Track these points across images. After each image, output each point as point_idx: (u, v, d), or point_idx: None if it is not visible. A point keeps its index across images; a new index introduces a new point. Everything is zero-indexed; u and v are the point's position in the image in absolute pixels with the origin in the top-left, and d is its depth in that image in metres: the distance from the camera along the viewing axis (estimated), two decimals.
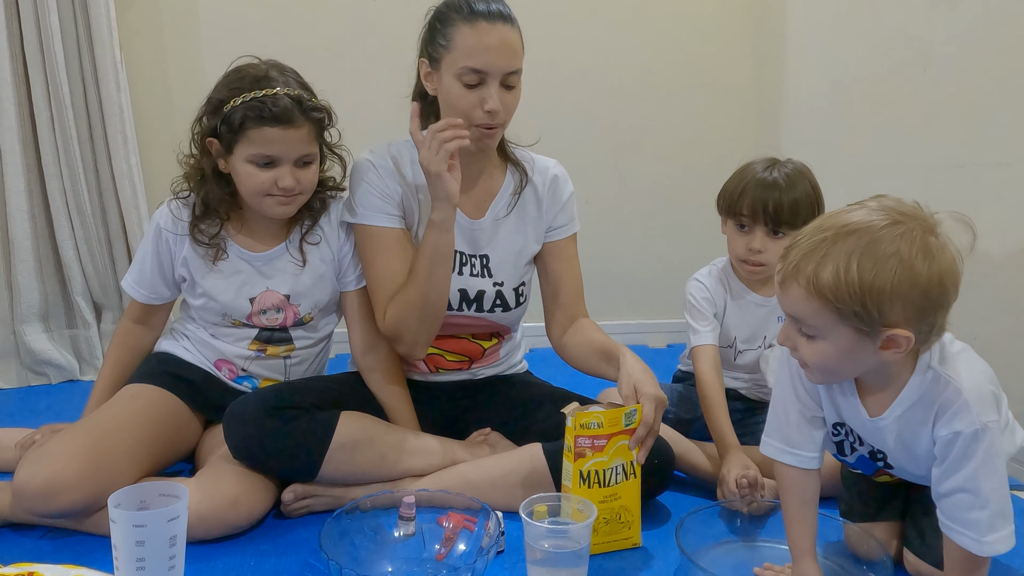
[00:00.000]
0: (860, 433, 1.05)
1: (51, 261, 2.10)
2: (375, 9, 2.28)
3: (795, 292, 0.90)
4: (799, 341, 0.94)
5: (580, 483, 1.14)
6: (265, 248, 1.39)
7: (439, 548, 1.13)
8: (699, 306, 1.51)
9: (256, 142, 1.27)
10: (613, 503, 1.16)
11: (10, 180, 1.99)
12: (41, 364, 2.09)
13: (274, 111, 1.25)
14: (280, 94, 1.26)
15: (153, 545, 0.93)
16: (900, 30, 1.85)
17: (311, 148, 1.31)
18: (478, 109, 1.27)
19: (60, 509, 1.14)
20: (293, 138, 1.27)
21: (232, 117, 1.26)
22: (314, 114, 1.30)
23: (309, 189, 1.34)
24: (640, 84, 2.49)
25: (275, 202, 1.31)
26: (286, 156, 1.28)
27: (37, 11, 1.94)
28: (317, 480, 1.27)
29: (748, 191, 1.42)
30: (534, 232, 1.45)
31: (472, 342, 1.47)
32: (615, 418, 1.13)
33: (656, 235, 2.59)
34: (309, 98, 1.31)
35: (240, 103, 1.26)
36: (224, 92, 1.29)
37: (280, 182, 1.28)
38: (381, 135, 1.45)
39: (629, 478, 1.17)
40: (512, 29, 1.27)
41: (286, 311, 1.40)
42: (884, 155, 1.94)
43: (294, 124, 1.27)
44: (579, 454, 1.13)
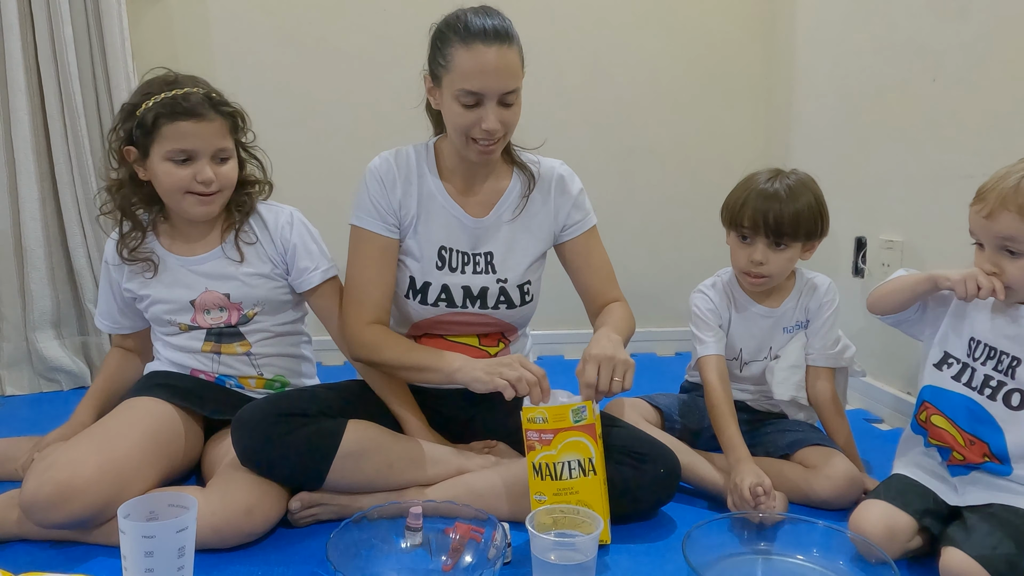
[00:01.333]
0: (993, 342, 1.18)
1: (63, 268, 2.12)
2: (385, 18, 2.30)
3: (1007, 217, 1.11)
4: (1005, 263, 1.13)
5: (534, 475, 1.19)
6: (200, 252, 1.43)
7: (445, 559, 1.13)
8: (704, 317, 1.51)
9: (171, 138, 1.31)
10: (569, 497, 1.18)
11: (23, 188, 2.02)
12: (53, 371, 2.11)
13: (185, 106, 1.31)
14: (190, 91, 1.33)
15: (162, 556, 0.94)
16: (909, 40, 1.85)
17: (226, 143, 1.37)
18: (476, 127, 1.29)
19: (73, 515, 1.14)
20: (207, 131, 1.33)
21: (146, 118, 1.31)
22: (224, 108, 1.37)
23: (228, 185, 1.39)
24: (648, 93, 2.50)
25: (195, 200, 1.36)
26: (202, 149, 1.33)
27: (51, 22, 1.97)
28: (324, 488, 1.28)
29: (750, 202, 1.42)
30: (539, 231, 1.46)
31: (479, 349, 1.47)
32: (561, 414, 1.17)
33: (664, 244, 2.59)
34: (218, 95, 1.37)
35: (152, 104, 1.31)
36: (137, 98, 1.34)
37: (199, 176, 1.33)
38: (389, 141, 1.47)
39: (588, 475, 1.18)
40: (510, 49, 1.27)
41: (229, 310, 1.43)
42: (893, 165, 1.93)
43: (206, 117, 1.32)
44: (529, 447, 1.19)
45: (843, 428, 1.48)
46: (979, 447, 1.16)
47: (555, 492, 1.18)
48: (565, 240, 1.48)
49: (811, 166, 1.53)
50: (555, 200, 1.46)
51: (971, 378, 1.19)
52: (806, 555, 1.17)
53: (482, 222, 1.43)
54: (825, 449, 1.41)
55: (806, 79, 2.34)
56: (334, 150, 2.33)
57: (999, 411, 1.15)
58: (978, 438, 1.17)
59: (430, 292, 1.41)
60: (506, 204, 1.44)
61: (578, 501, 1.17)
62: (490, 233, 1.43)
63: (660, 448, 1.32)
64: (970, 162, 1.66)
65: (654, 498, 1.32)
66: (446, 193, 1.42)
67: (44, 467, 1.16)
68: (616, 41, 2.45)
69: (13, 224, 2.05)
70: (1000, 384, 1.16)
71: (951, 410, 1.20)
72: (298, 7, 2.26)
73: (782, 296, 1.52)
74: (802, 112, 2.37)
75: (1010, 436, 1.14)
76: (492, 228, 1.43)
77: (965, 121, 1.68)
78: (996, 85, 1.59)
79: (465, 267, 1.42)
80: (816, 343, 1.51)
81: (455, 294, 1.41)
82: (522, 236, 1.45)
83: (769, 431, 1.51)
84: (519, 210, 1.44)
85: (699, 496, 1.42)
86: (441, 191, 1.42)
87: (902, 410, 1.86)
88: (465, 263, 1.42)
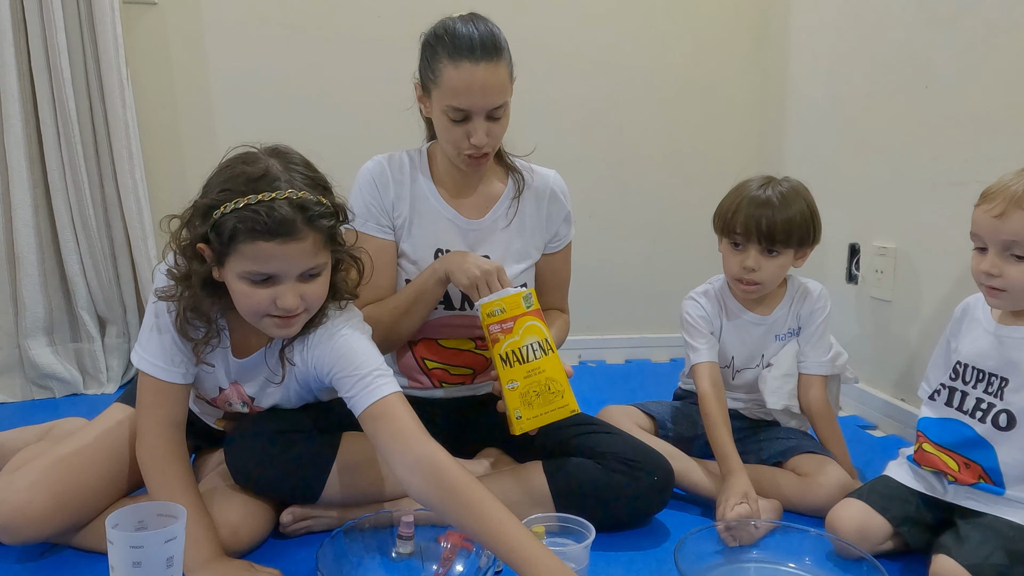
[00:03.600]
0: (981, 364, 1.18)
1: (56, 275, 2.11)
2: (379, 24, 2.30)
3: (1019, 217, 1.07)
4: (1008, 267, 1.10)
5: (503, 365, 1.23)
6: (247, 353, 1.21)
7: (437, 568, 1.13)
8: (696, 324, 1.51)
9: (250, 258, 1.04)
10: (538, 376, 1.23)
11: (16, 195, 2.01)
12: (45, 378, 2.10)
13: (270, 224, 1.02)
14: (279, 200, 1.03)
15: (150, 566, 0.93)
16: (902, 47, 1.86)
17: (317, 260, 1.09)
18: (465, 141, 1.30)
19: (24, 542, 1.15)
20: (294, 252, 1.05)
21: (222, 227, 1.03)
22: (322, 222, 1.06)
23: (315, 306, 1.12)
24: (643, 99, 2.50)
25: (274, 323, 1.10)
26: (286, 273, 1.07)
27: (44, 28, 1.96)
28: (318, 503, 1.27)
29: (742, 209, 1.42)
30: (533, 240, 1.47)
31: (476, 354, 1.47)
32: (514, 302, 1.24)
33: (658, 249, 2.59)
34: (317, 201, 1.06)
35: (231, 211, 1.03)
36: (214, 195, 1.06)
37: (280, 302, 1.07)
38: (383, 146, 1.48)
39: (548, 353, 1.24)
40: (497, 64, 1.26)
41: (250, 406, 1.28)
42: (886, 172, 1.93)
43: (295, 237, 1.04)
44: (494, 340, 1.24)
45: (836, 435, 1.48)
46: (974, 469, 1.17)
47: (525, 375, 1.23)
48: (547, 253, 1.50)
49: (804, 173, 1.53)
50: (548, 211, 1.48)
51: (962, 402, 1.20)
52: (798, 563, 1.16)
53: (478, 224, 1.43)
54: (818, 457, 1.41)
55: (799, 86, 2.35)
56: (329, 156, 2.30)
57: (990, 432, 1.16)
58: (973, 461, 1.17)
59: None
60: (501, 208, 1.45)
61: (546, 379, 1.23)
62: (486, 236, 1.44)
63: (653, 455, 1.32)
64: (963, 169, 1.67)
65: (647, 506, 1.32)
66: (439, 196, 1.42)
67: (6, 483, 1.15)
68: (610, 48, 2.45)
69: (6, 230, 2.04)
70: (990, 406, 1.16)
71: (944, 436, 1.21)
72: (291, 14, 2.26)
73: (774, 303, 1.52)
74: (795, 119, 2.37)
75: (1002, 456, 1.14)
76: (488, 231, 1.44)
77: (957, 128, 1.68)
78: (988, 92, 1.60)
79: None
80: (809, 350, 1.50)
81: (452, 296, 1.41)
82: (517, 241, 1.46)
83: (762, 439, 1.51)
84: (512, 213, 1.45)
85: (692, 502, 1.42)
86: (434, 194, 1.42)
87: (895, 416, 1.86)
88: None
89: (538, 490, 1.27)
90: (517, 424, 1.23)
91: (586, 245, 1.54)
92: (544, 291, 1.53)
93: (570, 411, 1.25)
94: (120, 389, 2.16)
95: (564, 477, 1.28)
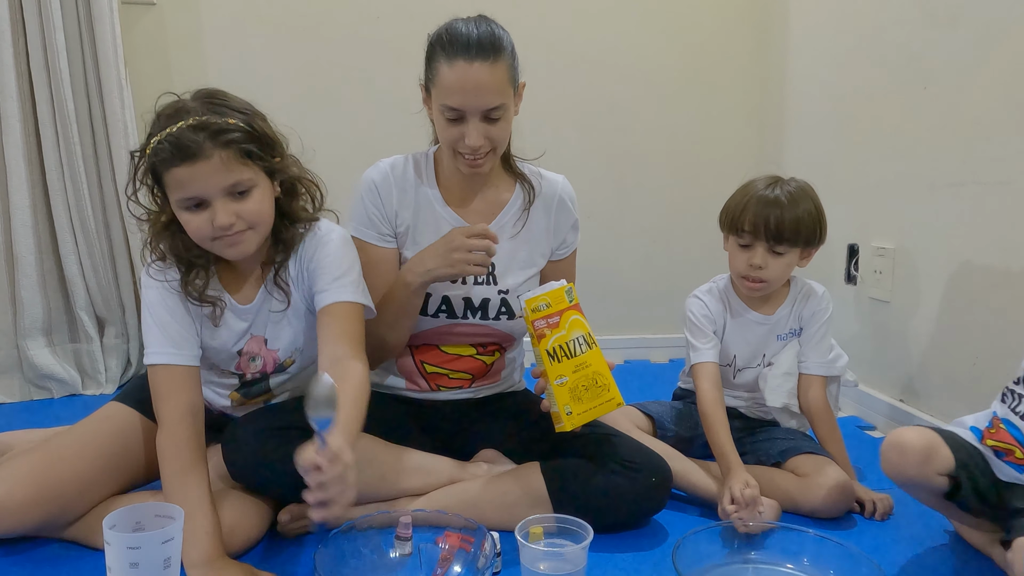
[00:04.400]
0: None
1: (54, 276, 2.11)
2: (378, 27, 2.30)
3: None
4: None
5: (551, 361, 1.22)
6: (248, 300, 1.27)
7: (435, 569, 1.12)
8: (699, 323, 1.51)
9: (173, 187, 1.12)
10: (586, 371, 1.22)
11: (15, 195, 2.01)
12: (44, 378, 2.10)
13: (174, 150, 1.09)
14: (182, 127, 1.09)
15: (147, 567, 0.93)
16: (900, 48, 1.86)
17: (238, 176, 1.13)
18: (461, 142, 1.29)
19: (6, 533, 1.16)
20: (205, 171, 1.10)
21: (152, 166, 1.13)
22: (225, 136, 1.11)
23: (257, 220, 1.17)
24: (642, 99, 2.50)
25: (224, 244, 1.17)
26: (209, 193, 1.12)
27: (43, 29, 1.96)
28: None
29: (750, 207, 1.42)
30: (540, 248, 1.46)
31: (476, 359, 1.47)
32: (558, 296, 1.23)
33: (658, 250, 2.59)
34: (222, 122, 1.12)
35: (149, 151, 1.12)
36: (143, 140, 1.15)
37: (215, 221, 1.13)
38: (383, 150, 1.47)
39: (593, 347, 1.24)
40: (494, 65, 1.24)
41: (265, 357, 1.32)
42: (885, 172, 1.94)
43: (201, 156, 1.10)
44: (540, 335, 1.22)
45: (835, 436, 1.48)
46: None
47: (573, 370, 1.22)
48: (554, 259, 1.49)
49: (804, 173, 1.53)
50: (556, 218, 1.46)
51: (1018, 405, 1.18)
52: (796, 564, 1.16)
53: None
54: (817, 457, 1.41)
55: (799, 87, 2.35)
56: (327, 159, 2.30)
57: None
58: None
59: (430, 303, 1.39)
60: (508, 215, 1.43)
61: (593, 373, 1.22)
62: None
63: (652, 457, 1.32)
64: (961, 169, 1.67)
65: (646, 507, 1.32)
66: (444, 203, 1.41)
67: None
68: (609, 48, 2.45)
69: (4, 231, 2.04)
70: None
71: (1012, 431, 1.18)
72: (290, 16, 2.26)
73: (777, 303, 1.52)
74: (795, 119, 2.37)
75: None
76: None
77: (956, 128, 1.69)
78: (986, 93, 1.60)
79: (467, 278, 1.40)
80: (809, 351, 1.51)
81: (456, 305, 1.40)
82: (523, 248, 1.44)
83: (761, 439, 1.51)
84: (521, 224, 1.43)
85: (692, 503, 1.42)
86: (439, 200, 1.41)
87: (894, 417, 1.86)
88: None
89: (536, 491, 1.27)
90: (568, 420, 1.21)
91: (585, 245, 1.53)
92: None
93: (616, 404, 1.23)
94: (118, 390, 2.16)
95: (562, 478, 1.27)
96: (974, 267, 1.64)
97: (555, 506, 1.25)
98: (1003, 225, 1.56)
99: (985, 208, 1.61)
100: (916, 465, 1.15)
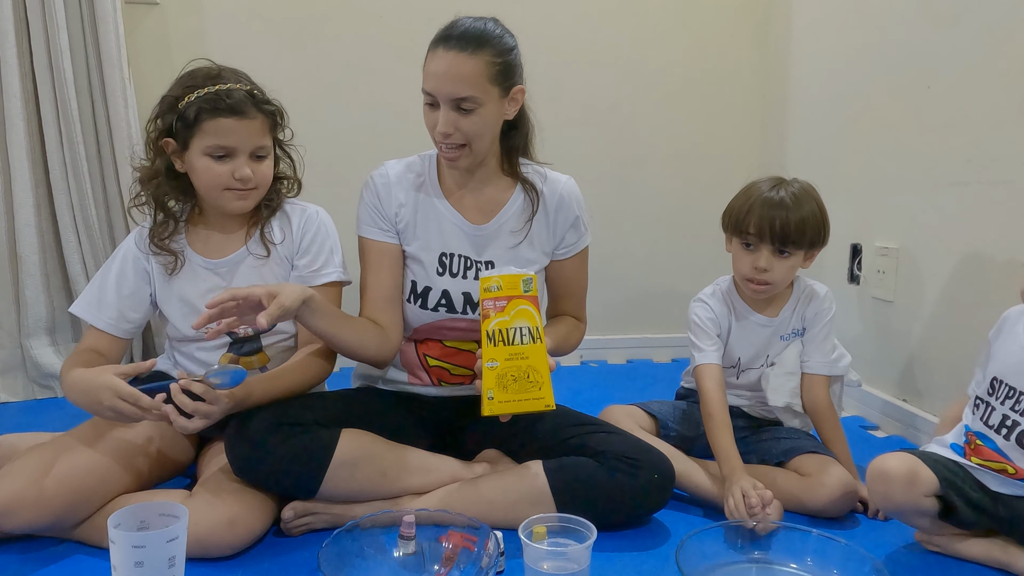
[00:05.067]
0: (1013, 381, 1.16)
1: (58, 275, 2.12)
2: (382, 26, 2.30)
3: None
4: None
5: (488, 343, 1.21)
6: (226, 254, 1.41)
7: (439, 568, 1.13)
8: (704, 326, 1.51)
9: (211, 133, 1.30)
10: (520, 362, 1.21)
11: (18, 195, 2.01)
12: (47, 377, 2.10)
13: (229, 103, 1.30)
14: (233, 88, 1.32)
15: (152, 565, 0.94)
16: (903, 47, 1.86)
17: (265, 141, 1.36)
18: (434, 130, 1.32)
19: (22, 525, 1.15)
20: (247, 129, 1.32)
21: (187, 112, 1.30)
22: (266, 107, 1.36)
23: (264, 183, 1.38)
24: (645, 98, 2.50)
25: (233, 196, 1.35)
26: (241, 147, 1.32)
27: (47, 29, 1.97)
28: (317, 497, 1.27)
29: (755, 209, 1.42)
30: (540, 246, 1.46)
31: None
32: (513, 282, 1.23)
33: (660, 250, 2.59)
34: (261, 93, 1.37)
35: (195, 98, 1.30)
36: (179, 90, 1.33)
37: (237, 173, 1.32)
38: (388, 148, 1.48)
39: (536, 342, 1.22)
40: (471, 57, 1.25)
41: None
42: (888, 172, 1.93)
43: (248, 115, 1.32)
44: (484, 315, 1.22)
45: (838, 436, 1.48)
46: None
47: (507, 357, 1.21)
48: (557, 259, 1.48)
49: (806, 173, 1.53)
50: (555, 217, 1.46)
51: (989, 416, 1.19)
52: (800, 564, 1.16)
53: (483, 229, 1.43)
54: (820, 457, 1.41)
55: (801, 86, 2.35)
56: (332, 157, 2.33)
57: (1012, 449, 1.15)
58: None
59: (430, 297, 1.41)
60: (507, 215, 1.44)
61: (528, 367, 1.21)
62: (491, 242, 1.43)
63: (654, 454, 1.32)
64: (964, 169, 1.67)
65: (648, 505, 1.32)
66: (445, 200, 1.43)
67: (3, 473, 1.17)
68: (611, 47, 2.45)
69: (8, 231, 2.05)
70: (1015, 424, 1.15)
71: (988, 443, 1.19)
72: (294, 15, 2.26)
73: (780, 305, 1.52)
74: (798, 119, 2.37)
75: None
76: (493, 237, 1.43)
77: (959, 128, 1.68)
78: (990, 92, 1.60)
79: (467, 271, 1.42)
80: (812, 351, 1.51)
81: (455, 300, 1.41)
82: (524, 248, 1.44)
83: (764, 439, 1.51)
84: (526, 231, 1.43)
85: (694, 504, 1.42)
86: (440, 198, 1.43)
87: (897, 417, 1.86)
88: (467, 267, 1.42)
89: (539, 488, 1.27)
90: (487, 405, 1.20)
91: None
92: (557, 298, 1.52)
93: (544, 405, 1.21)
94: None
95: (564, 475, 1.28)
96: (978, 266, 1.64)
97: (557, 504, 1.26)
98: (1007, 224, 1.56)
99: (989, 207, 1.60)
100: (902, 491, 1.16)
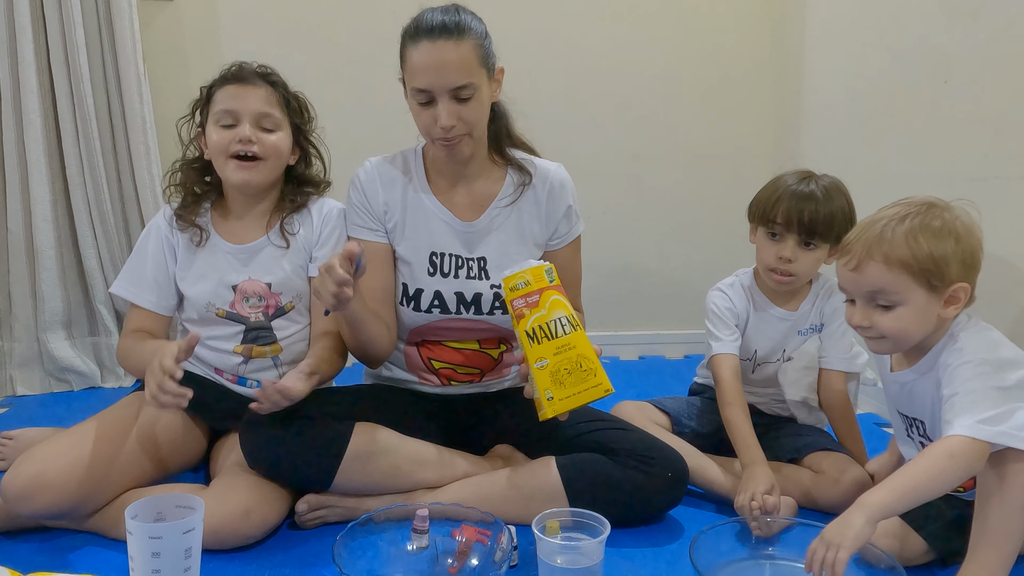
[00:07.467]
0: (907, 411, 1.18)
1: (74, 270, 2.14)
2: (395, 20, 2.28)
3: (874, 268, 1.07)
4: (876, 316, 1.09)
5: (531, 343, 1.15)
6: (247, 241, 1.43)
7: (452, 562, 1.13)
8: (721, 314, 1.50)
9: (219, 101, 1.38)
10: (569, 352, 1.15)
11: (35, 190, 2.03)
12: (64, 371, 2.12)
13: (234, 72, 1.39)
14: (244, 64, 1.41)
15: (169, 557, 0.94)
16: (921, 41, 1.84)
17: (271, 110, 1.39)
18: (434, 126, 1.29)
19: (40, 509, 1.16)
20: (250, 95, 1.37)
21: (206, 93, 1.41)
22: (273, 78, 1.42)
23: (272, 154, 1.39)
24: (658, 93, 2.49)
25: (236, 166, 1.37)
26: (243, 110, 1.36)
27: (63, 25, 1.98)
28: (331, 490, 1.28)
29: (784, 200, 1.41)
30: (532, 238, 1.44)
31: (481, 352, 1.47)
32: (537, 274, 1.18)
33: (673, 245, 2.58)
34: (275, 74, 1.44)
35: (212, 81, 1.41)
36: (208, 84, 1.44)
37: (238, 135, 1.35)
38: (401, 144, 1.48)
39: (576, 329, 1.16)
40: (459, 43, 1.24)
41: (267, 299, 1.41)
42: (904, 167, 1.92)
43: (251, 82, 1.38)
44: (519, 316, 1.17)
45: (854, 433, 1.47)
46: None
47: (554, 352, 1.15)
48: (550, 250, 1.47)
49: (821, 167, 1.52)
50: (547, 207, 1.44)
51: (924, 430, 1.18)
52: None
53: (473, 226, 1.41)
54: (835, 454, 1.40)
55: (816, 81, 2.33)
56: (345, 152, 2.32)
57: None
58: None
59: (423, 299, 1.40)
60: (499, 207, 1.42)
61: (578, 356, 1.15)
62: (482, 238, 1.42)
63: (668, 452, 1.32)
64: (981, 165, 1.65)
65: (662, 502, 1.32)
66: (433, 197, 1.41)
67: (25, 456, 1.19)
68: (624, 42, 2.44)
69: (25, 226, 2.06)
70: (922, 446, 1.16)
71: None
72: (308, 9, 2.26)
73: (800, 299, 1.51)
74: (812, 114, 2.35)
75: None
76: (484, 232, 1.42)
77: (976, 124, 1.67)
78: (1008, 88, 1.58)
79: (459, 271, 1.40)
80: (830, 347, 1.50)
81: (448, 301, 1.40)
82: (514, 241, 1.43)
83: (779, 435, 1.50)
84: (509, 212, 1.42)
85: (708, 500, 1.42)
86: (428, 195, 1.41)
87: None
88: (459, 267, 1.41)
89: (552, 484, 1.27)
90: (549, 406, 1.14)
91: (600, 241, 1.52)
92: None
93: (604, 391, 1.15)
94: (137, 383, 2.18)
95: (577, 472, 1.27)
96: (995, 263, 1.62)
97: (571, 500, 1.25)
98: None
99: (1007, 204, 1.59)
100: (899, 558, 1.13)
